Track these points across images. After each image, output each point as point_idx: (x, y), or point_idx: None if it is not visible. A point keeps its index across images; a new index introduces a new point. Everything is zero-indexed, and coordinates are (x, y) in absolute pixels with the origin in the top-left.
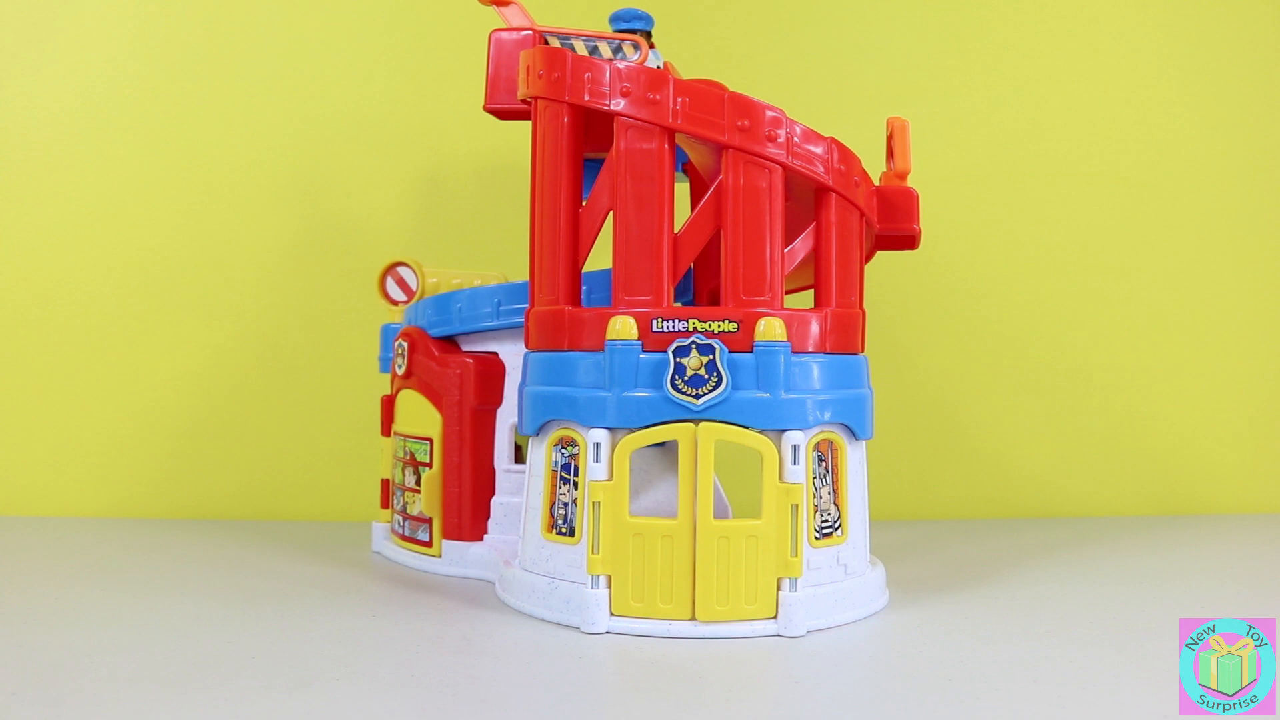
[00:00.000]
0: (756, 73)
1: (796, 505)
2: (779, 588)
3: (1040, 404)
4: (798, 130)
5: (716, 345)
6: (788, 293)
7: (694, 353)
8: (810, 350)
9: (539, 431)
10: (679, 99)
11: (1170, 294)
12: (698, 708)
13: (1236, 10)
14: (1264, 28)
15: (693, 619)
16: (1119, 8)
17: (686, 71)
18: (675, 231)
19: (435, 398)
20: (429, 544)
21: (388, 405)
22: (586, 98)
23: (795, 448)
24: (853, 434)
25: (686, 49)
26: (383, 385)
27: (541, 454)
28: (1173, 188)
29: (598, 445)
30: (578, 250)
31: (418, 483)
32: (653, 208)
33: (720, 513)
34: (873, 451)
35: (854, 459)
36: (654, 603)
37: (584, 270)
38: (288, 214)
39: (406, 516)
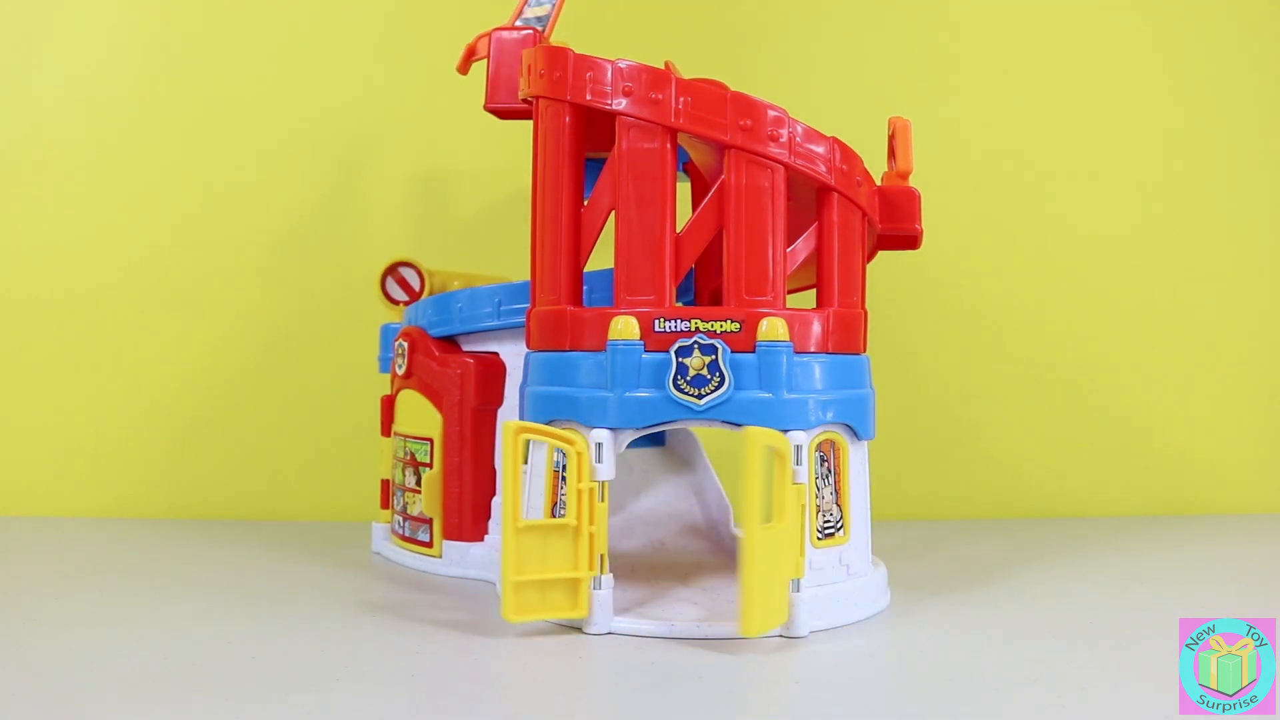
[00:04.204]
0: (758, 72)
1: (800, 506)
2: None
3: (1041, 404)
4: (800, 130)
5: (719, 345)
6: (790, 292)
7: (696, 353)
8: (812, 350)
9: None
10: (681, 98)
11: (1171, 294)
12: (699, 708)
13: (1237, 11)
14: (1265, 28)
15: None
16: (1121, 8)
17: (688, 71)
18: (677, 231)
19: (436, 398)
20: (429, 544)
21: (388, 405)
22: (588, 97)
23: (798, 448)
24: (855, 434)
25: (688, 48)
26: (383, 385)
27: (543, 454)
28: (1174, 188)
29: (600, 445)
30: (579, 250)
31: (418, 483)
32: (655, 207)
33: (721, 513)
34: (874, 452)
35: (856, 459)
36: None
37: (585, 270)
38: (288, 214)
39: (407, 517)
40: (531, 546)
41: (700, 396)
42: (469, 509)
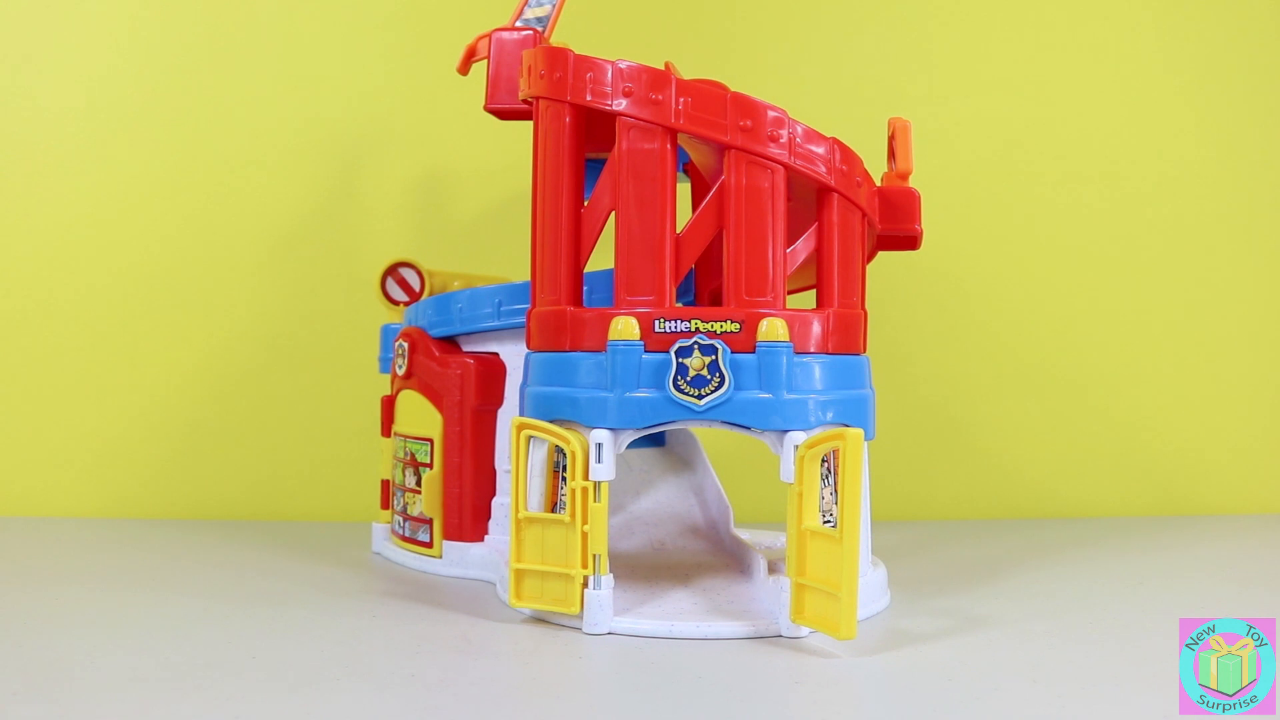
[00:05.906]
0: (758, 73)
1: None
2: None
3: (1040, 405)
4: (800, 130)
5: (719, 345)
6: (790, 293)
7: (696, 353)
8: (812, 350)
9: None
10: (681, 99)
11: (1170, 295)
12: (699, 709)
13: (1237, 13)
14: (1264, 30)
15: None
16: (1121, 10)
17: (688, 71)
18: (677, 232)
19: (436, 398)
20: (429, 545)
21: (388, 406)
22: (588, 98)
23: (797, 448)
24: None
25: (688, 48)
26: (383, 385)
27: (542, 454)
28: (1173, 190)
29: (600, 445)
30: (579, 251)
31: (418, 483)
32: (655, 208)
33: (721, 513)
34: (874, 452)
35: None
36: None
37: (585, 270)
38: (288, 214)
39: (407, 517)
40: (531, 538)
41: (700, 397)
42: (469, 509)
